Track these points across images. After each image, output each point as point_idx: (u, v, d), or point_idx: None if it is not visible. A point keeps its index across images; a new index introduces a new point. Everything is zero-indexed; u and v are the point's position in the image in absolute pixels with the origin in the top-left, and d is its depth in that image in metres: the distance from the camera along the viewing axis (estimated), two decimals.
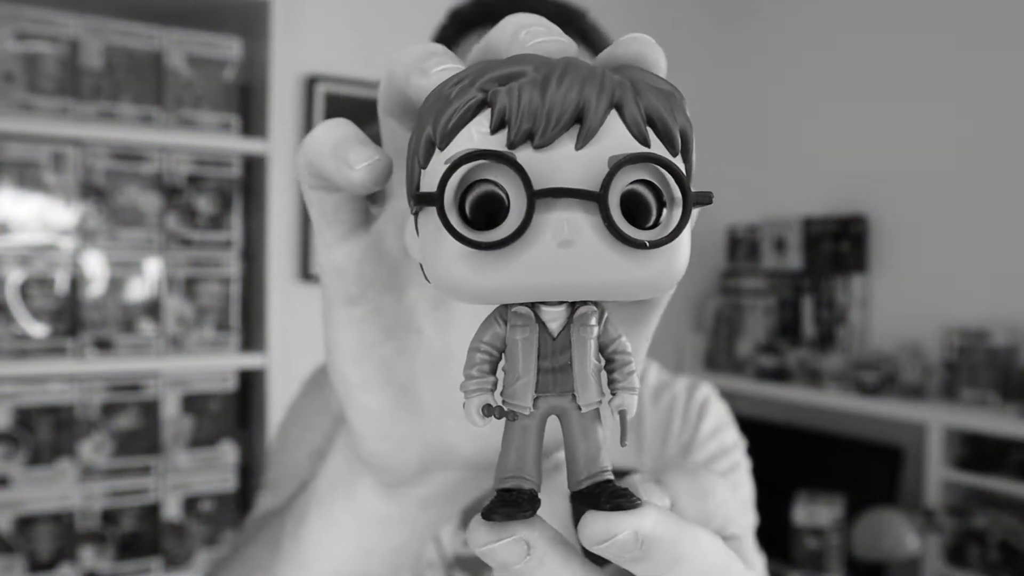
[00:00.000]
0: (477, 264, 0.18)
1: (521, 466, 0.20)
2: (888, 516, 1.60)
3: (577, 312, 0.20)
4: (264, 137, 1.35)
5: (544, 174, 0.18)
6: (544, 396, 0.20)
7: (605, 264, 0.18)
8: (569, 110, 0.18)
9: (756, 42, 2.32)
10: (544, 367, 0.19)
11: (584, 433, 0.20)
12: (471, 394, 0.20)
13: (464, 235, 0.18)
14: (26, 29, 1.20)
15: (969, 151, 1.82)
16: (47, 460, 1.23)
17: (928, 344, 1.85)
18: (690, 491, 0.23)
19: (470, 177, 0.18)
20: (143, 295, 1.29)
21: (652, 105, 0.19)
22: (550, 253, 0.18)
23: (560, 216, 0.18)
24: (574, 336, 0.19)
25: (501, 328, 0.20)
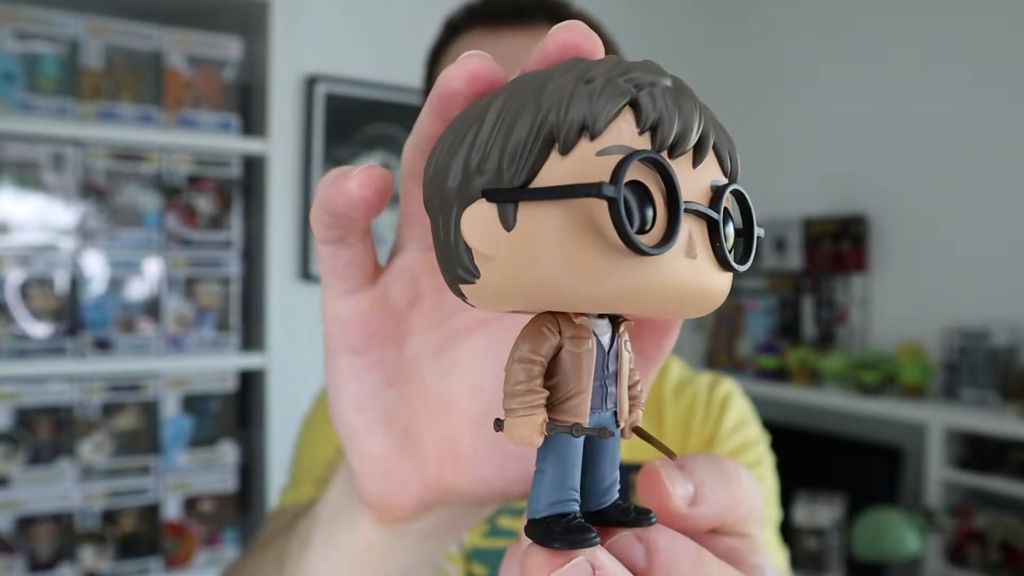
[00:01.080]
0: (608, 266, 0.17)
1: (571, 487, 0.19)
2: (888, 516, 1.60)
3: (623, 325, 0.19)
4: (264, 137, 1.35)
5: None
6: (597, 412, 0.19)
7: (711, 279, 0.18)
8: (699, 129, 0.18)
9: (756, 42, 2.31)
10: (597, 383, 0.19)
11: (611, 454, 0.20)
12: (534, 410, 0.18)
13: (632, 236, 0.16)
14: (26, 29, 1.20)
15: (969, 151, 1.82)
16: (47, 460, 1.23)
17: (928, 344, 1.85)
18: (714, 478, 0.22)
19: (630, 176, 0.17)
20: (143, 295, 1.29)
21: (722, 138, 0.19)
22: (681, 264, 0.18)
23: (689, 229, 0.18)
24: (621, 350, 0.19)
25: (556, 339, 0.19)
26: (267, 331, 1.35)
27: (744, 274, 1.56)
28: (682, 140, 0.18)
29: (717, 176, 0.19)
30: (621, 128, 0.17)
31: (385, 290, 0.25)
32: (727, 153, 0.19)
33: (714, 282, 0.19)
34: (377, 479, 0.26)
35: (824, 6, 2.15)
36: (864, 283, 2.01)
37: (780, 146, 2.22)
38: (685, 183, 0.18)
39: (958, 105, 1.84)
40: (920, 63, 1.92)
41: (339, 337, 0.25)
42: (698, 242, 0.18)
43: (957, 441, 1.68)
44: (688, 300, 0.18)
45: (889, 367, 1.83)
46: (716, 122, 0.19)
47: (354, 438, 0.25)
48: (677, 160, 0.18)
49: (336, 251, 0.23)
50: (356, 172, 0.21)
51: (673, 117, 0.17)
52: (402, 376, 0.26)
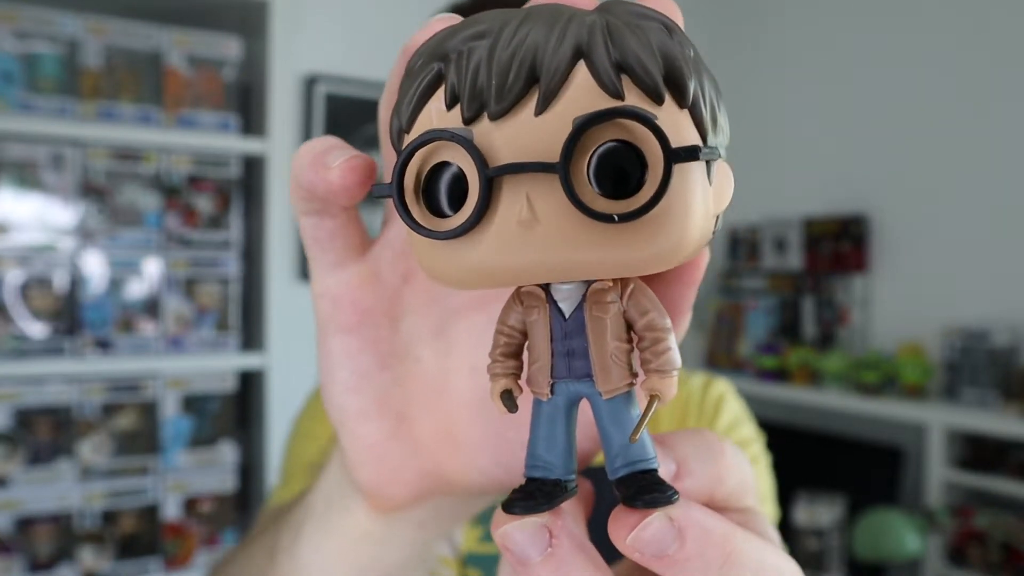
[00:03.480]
0: (447, 251, 0.17)
1: (548, 456, 0.18)
2: (889, 517, 1.60)
3: (590, 289, 0.18)
4: (264, 137, 1.35)
5: (504, 148, 0.16)
6: (562, 381, 0.18)
7: (574, 242, 0.16)
8: (521, 71, 0.16)
9: (756, 41, 2.31)
10: (558, 350, 0.18)
11: (615, 419, 0.18)
12: (494, 378, 0.19)
13: (421, 225, 0.17)
14: (25, 28, 1.20)
15: (970, 151, 1.82)
16: (46, 460, 1.23)
17: (929, 344, 1.84)
18: (697, 452, 0.21)
19: (431, 159, 0.17)
20: (142, 295, 1.29)
21: (627, 47, 0.16)
22: (512, 234, 0.16)
23: (518, 193, 0.16)
24: (588, 316, 0.18)
25: (520, 309, 0.18)
26: (267, 331, 1.35)
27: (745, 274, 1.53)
28: (495, 96, 0.16)
29: (601, 105, 0.16)
30: (430, 112, 0.17)
31: (376, 264, 0.24)
32: (608, 68, 0.16)
33: (587, 240, 0.16)
34: (371, 466, 0.25)
35: (825, 6, 2.14)
36: (864, 283, 2.01)
37: (780, 146, 2.22)
38: (530, 136, 0.16)
39: (959, 105, 1.84)
40: (921, 63, 1.91)
41: (330, 315, 0.23)
42: (547, 202, 0.16)
43: (957, 441, 1.68)
44: (559, 265, 0.16)
45: (889, 367, 1.83)
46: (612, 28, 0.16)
47: (347, 422, 0.24)
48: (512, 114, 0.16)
49: (319, 222, 0.22)
50: (337, 162, 0.20)
51: (475, 75, 0.16)
52: (397, 357, 0.24)
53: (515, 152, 0.16)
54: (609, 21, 0.16)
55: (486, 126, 0.16)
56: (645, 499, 0.17)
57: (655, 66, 0.16)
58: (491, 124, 0.16)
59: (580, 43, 0.16)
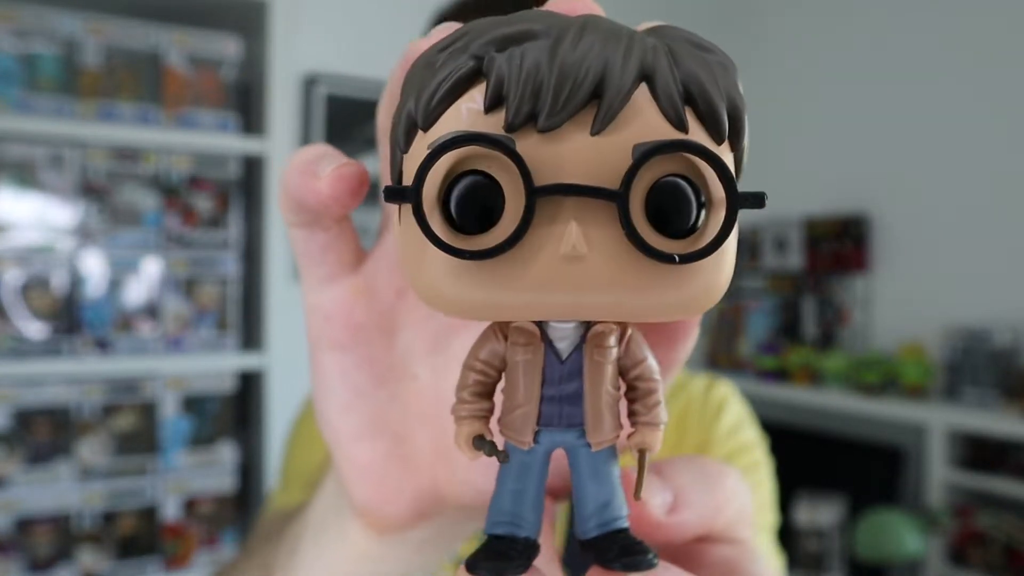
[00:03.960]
0: (464, 275, 0.15)
1: (517, 510, 0.17)
2: (889, 517, 1.59)
3: (592, 331, 0.16)
4: (264, 137, 1.34)
5: (550, 166, 0.14)
6: (548, 430, 0.16)
7: (623, 283, 0.15)
8: (586, 81, 0.14)
9: (756, 41, 2.31)
10: (549, 395, 0.16)
11: (596, 474, 0.17)
12: (461, 420, 0.17)
13: (445, 241, 0.14)
14: (24, 28, 1.20)
15: (971, 151, 1.81)
16: (45, 461, 1.22)
17: (929, 344, 1.84)
18: (695, 481, 0.20)
19: (459, 167, 0.15)
20: (142, 295, 1.29)
21: (693, 76, 0.15)
22: (552, 267, 0.14)
23: (568, 221, 0.14)
24: (587, 360, 0.16)
25: (500, 345, 0.17)
26: (266, 331, 1.35)
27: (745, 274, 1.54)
28: (551, 105, 0.14)
29: (660, 134, 0.15)
30: (460, 110, 0.15)
31: (370, 278, 0.23)
32: (672, 98, 0.15)
33: (638, 281, 0.15)
34: (367, 486, 0.24)
35: (825, 6, 2.14)
36: (865, 283, 2.00)
37: (781, 146, 2.22)
38: (581, 156, 0.14)
39: (959, 105, 1.84)
40: (922, 63, 1.91)
41: (322, 331, 0.22)
42: (596, 234, 0.14)
43: (958, 441, 1.67)
44: (601, 306, 0.15)
45: (890, 367, 1.83)
46: (676, 53, 0.15)
47: (342, 442, 0.24)
48: (564, 129, 0.14)
49: (310, 235, 0.21)
50: (327, 172, 0.19)
51: (531, 79, 0.14)
52: (393, 374, 0.23)
53: (562, 173, 0.14)
54: (671, 46, 0.15)
55: (531, 138, 0.14)
56: (625, 562, 0.16)
57: (720, 100, 0.15)
58: (537, 137, 0.14)
59: (645, 63, 0.15)
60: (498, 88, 0.14)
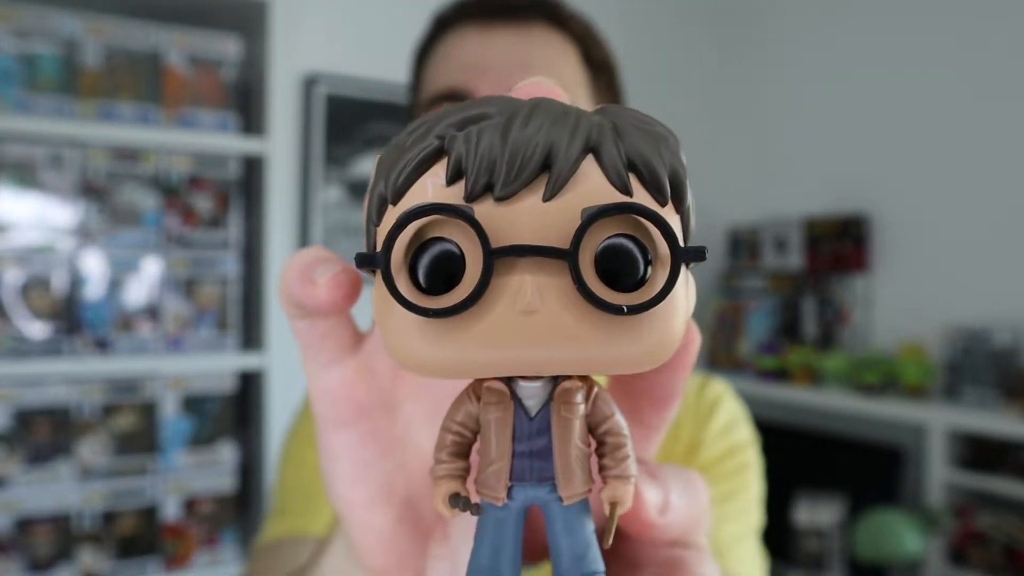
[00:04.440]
0: (430, 334, 0.16)
1: (494, 566, 0.17)
2: (889, 517, 1.59)
3: (559, 388, 0.17)
4: (263, 137, 1.34)
5: (506, 230, 0.16)
6: (520, 485, 0.17)
7: (576, 334, 0.16)
8: (535, 155, 0.16)
9: (756, 41, 2.31)
10: (520, 451, 0.17)
11: (569, 528, 0.17)
12: (438, 481, 0.18)
13: (410, 301, 0.16)
14: (24, 28, 1.20)
15: (971, 151, 1.81)
16: (45, 461, 1.22)
17: (930, 344, 1.84)
18: (682, 490, 0.22)
19: (424, 235, 0.16)
20: (142, 295, 1.29)
21: (636, 148, 0.16)
22: (510, 322, 0.16)
23: (523, 278, 0.16)
24: (555, 416, 0.17)
25: (474, 406, 0.18)
26: (266, 331, 1.35)
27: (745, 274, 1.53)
28: (505, 175, 0.16)
29: (607, 199, 0.16)
30: (426, 185, 0.16)
31: (369, 358, 0.24)
32: (617, 167, 0.16)
33: (590, 333, 0.16)
34: (379, 552, 0.25)
35: (825, 6, 2.14)
36: (865, 283, 2.00)
37: (781, 145, 2.22)
38: (535, 221, 0.16)
39: (959, 105, 1.84)
40: (922, 63, 1.91)
41: (328, 412, 0.23)
42: (549, 289, 0.16)
43: (958, 441, 1.67)
44: (556, 359, 0.16)
45: (890, 367, 1.83)
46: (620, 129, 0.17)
47: (353, 512, 0.24)
48: (518, 197, 0.16)
49: (311, 325, 0.22)
50: (324, 278, 0.20)
51: (487, 154, 0.16)
52: (397, 445, 0.24)
53: (517, 235, 0.16)
54: (616, 123, 0.17)
55: (489, 206, 0.16)
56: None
57: (661, 168, 0.16)
58: (494, 205, 0.16)
59: (591, 138, 0.16)
60: (457, 164, 0.16)
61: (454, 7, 0.62)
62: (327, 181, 1.72)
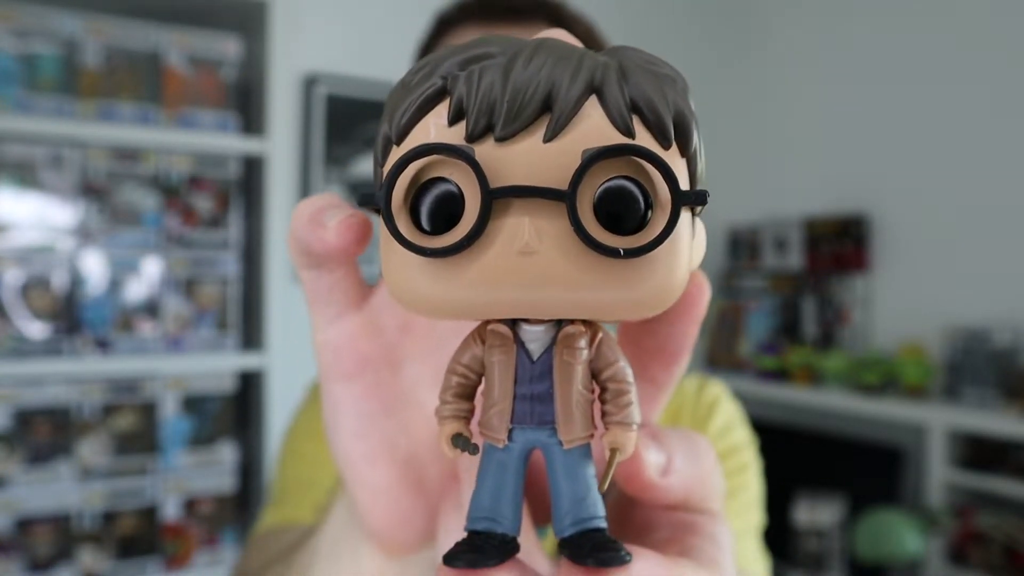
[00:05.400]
0: (430, 273, 0.16)
1: (495, 507, 0.17)
2: (889, 517, 1.59)
3: (562, 332, 0.17)
4: (263, 137, 1.34)
5: (506, 171, 0.16)
6: (521, 427, 0.17)
7: (574, 277, 0.16)
8: (536, 96, 0.16)
9: (756, 41, 2.31)
10: (521, 394, 0.17)
11: (569, 472, 0.17)
12: (443, 421, 0.18)
13: (408, 240, 0.16)
14: (24, 28, 1.20)
15: (971, 151, 1.81)
16: (45, 461, 1.22)
17: (930, 344, 1.84)
18: (684, 452, 0.21)
19: (425, 175, 0.16)
20: (142, 295, 1.29)
21: (640, 89, 0.16)
22: (508, 262, 0.16)
23: (521, 219, 0.16)
24: (556, 360, 0.17)
25: (479, 349, 0.18)
26: (266, 331, 1.35)
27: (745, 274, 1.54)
28: (505, 116, 0.15)
29: (609, 140, 0.16)
30: (428, 126, 0.16)
31: (375, 313, 0.24)
32: (620, 108, 0.16)
33: (587, 275, 0.16)
34: (380, 511, 0.25)
35: (825, 6, 2.14)
36: (865, 283, 2.00)
37: (781, 145, 2.22)
38: (535, 162, 0.16)
39: (959, 105, 1.84)
40: (922, 63, 1.91)
41: (332, 365, 0.24)
42: (548, 231, 0.15)
43: (958, 441, 1.67)
44: (554, 301, 0.16)
45: (890, 367, 1.83)
46: (626, 69, 0.16)
47: (354, 468, 0.25)
48: (519, 138, 0.16)
49: (318, 275, 0.22)
50: (334, 221, 0.20)
51: (487, 94, 0.16)
52: (400, 403, 0.25)
53: (518, 176, 0.16)
54: (622, 63, 0.16)
55: (489, 147, 0.16)
56: (599, 557, 0.16)
57: (666, 110, 0.16)
58: (495, 145, 0.16)
59: (594, 78, 0.16)
60: (459, 104, 0.16)
61: (456, 7, 0.63)
62: (327, 181, 1.72)
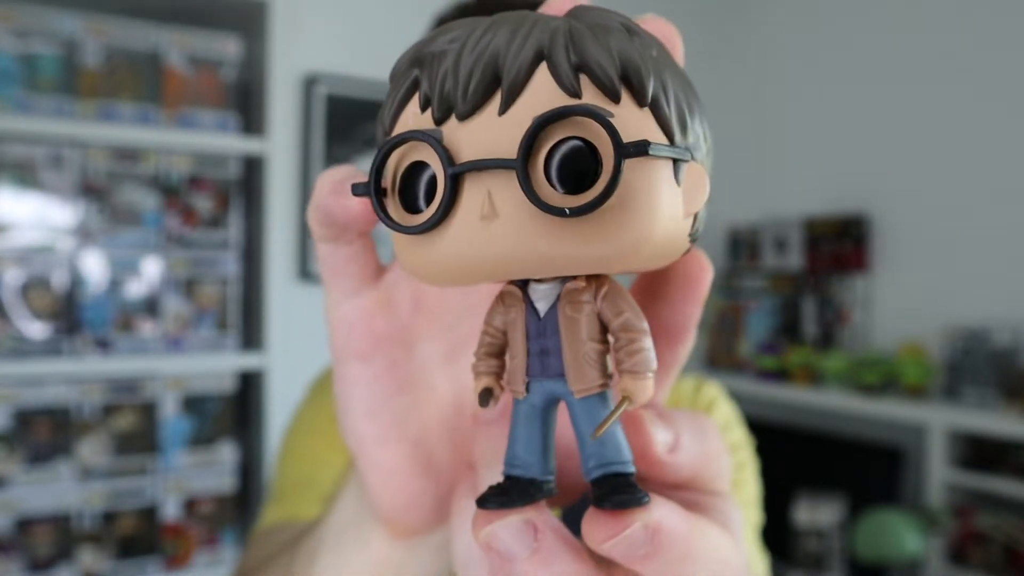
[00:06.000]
0: (417, 246, 0.18)
1: (524, 454, 0.19)
2: (889, 517, 1.59)
3: (564, 288, 0.18)
4: (263, 137, 1.34)
5: (471, 148, 0.17)
6: (536, 380, 0.18)
7: (533, 236, 0.16)
8: (484, 72, 0.16)
9: (756, 40, 2.31)
10: (532, 349, 0.18)
11: (589, 418, 0.18)
12: (477, 376, 0.19)
13: (392, 220, 0.18)
14: (24, 28, 1.20)
15: (971, 151, 1.81)
16: (45, 460, 1.22)
17: (930, 344, 1.84)
18: (691, 430, 0.22)
19: (408, 159, 0.18)
20: (142, 295, 1.29)
21: (585, 48, 0.16)
22: (474, 229, 0.17)
23: (482, 190, 0.16)
24: (560, 315, 0.18)
25: (502, 309, 0.19)
26: (266, 331, 1.35)
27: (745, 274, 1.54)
28: (460, 97, 0.16)
29: (558, 104, 0.16)
30: (408, 115, 0.18)
31: (389, 291, 0.24)
32: (566, 69, 0.16)
33: (543, 234, 0.16)
34: (390, 492, 0.25)
35: (825, 6, 2.14)
36: (865, 283, 2.00)
37: (781, 145, 2.22)
38: (494, 135, 0.16)
39: (959, 104, 1.84)
40: (922, 63, 1.91)
41: (345, 342, 0.24)
42: (507, 198, 0.16)
43: (958, 441, 1.67)
44: (517, 259, 0.17)
45: (890, 367, 1.83)
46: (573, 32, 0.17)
47: (365, 448, 0.25)
48: (479, 115, 0.16)
49: (335, 248, 0.23)
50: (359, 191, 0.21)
51: (444, 78, 0.17)
52: (412, 383, 0.25)
53: (479, 151, 0.16)
54: (572, 25, 0.17)
55: (454, 126, 0.17)
56: (615, 500, 0.17)
57: (611, 65, 0.16)
58: (458, 124, 0.17)
59: (542, 46, 0.16)
60: (424, 92, 0.17)
61: (454, 8, 0.62)
62: None
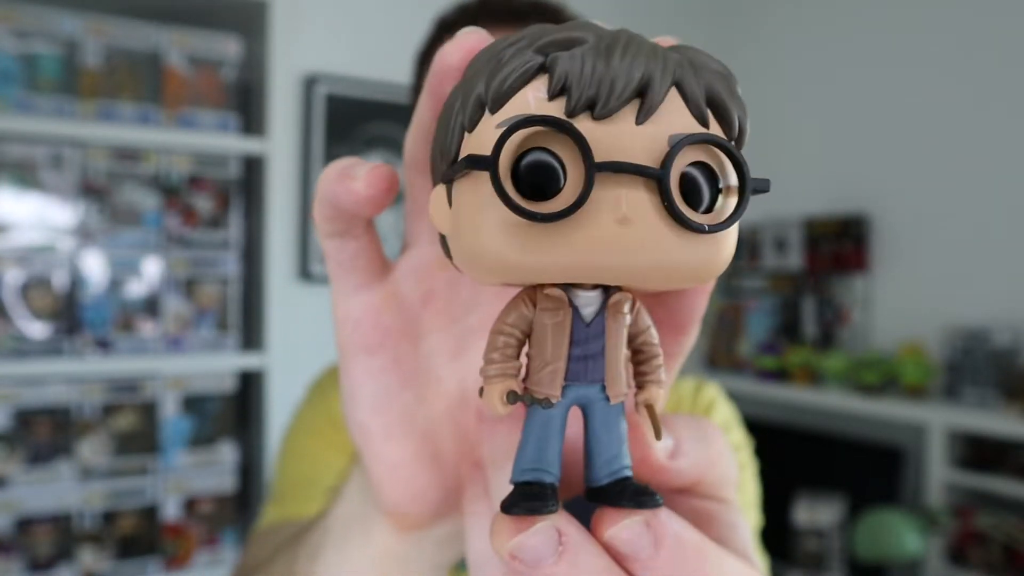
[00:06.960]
0: (525, 238, 0.17)
1: (541, 458, 0.19)
2: (889, 517, 1.59)
3: (612, 299, 0.19)
4: (263, 137, 1.34)
5: (602, 147, 0.17)
6: (573, 385, 0.19)
7: (662, 246, 0.17)
8: (634, 82, 0.17)
9: (756, 41, 2.31)
10: (575, 354, 0.19)
11: (607, 427, 0.19)
12: (493, 380, 0.19)
13: (519, 204, 0.17)
14: (25, 28, 1.20)
15: (971, 151, 1.82)
16: (46, 460, 1.22)
17: (930, 344, 1.84)
18: (693, 435, 0.22)
19: (523, 144, 0.17)
20: (142, 295, 1.29)
21: (712, 85, 0.18)
22: (607, 231, 0.17)
23: (619, 192, 0.17)
24: (609, 323, 0.19)
25: (529, 310, 0.19)
26: (266, 331, 1.35)
27: (745, 274, 1.54)
28: (606, 97, 0.17)
29: (688, 128, 0.18)
30: (527, 97, 0.17)
31: (397, 286, 0.24)
32: (698, 101, 0.18)
33: (673, 246, 0.17)
34: (395, 485, 0.25)
35: (825, 5, 2.14)
36: (865, 283, 2.00)
37: (781, 145, 2.22)
38: (626, 141, 0.17)
39: (959, 105, 1.84)
40: (921, 63, 1.91)
41: (352, 337, 0.24)
42: (640, 204, 0.17)
43: (958, 441, 1.67)
44: (642, 267, 0.17)
45: (890, 367, 1.83)
46: (696, 66, 0.18)
47: (371, 442, 0.25)
48: (612, 118, 0.17)
49: (342, 244, 0.23)
50: (363, 172, 0.21)
51: (590, 75, 0.17)
52: (419, 377, 0.25)
53: (611, 153, 0.17)
54: (692, 60, 0.18)
55: (586, 123, 0.17)
56: (637, 500, 0.18)
57: (732, 105, 0.18)
58: (591, 123, 0.17)
59: (678, 73, 0.18)
60: (562, 80, 0.17)
61: (456, 9, 0.62)
62: None
